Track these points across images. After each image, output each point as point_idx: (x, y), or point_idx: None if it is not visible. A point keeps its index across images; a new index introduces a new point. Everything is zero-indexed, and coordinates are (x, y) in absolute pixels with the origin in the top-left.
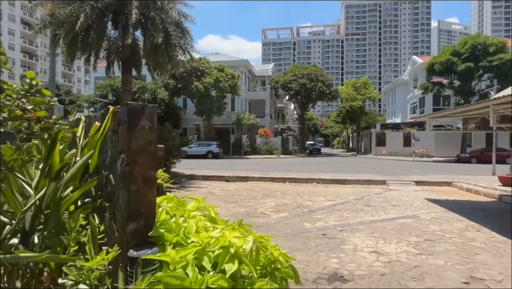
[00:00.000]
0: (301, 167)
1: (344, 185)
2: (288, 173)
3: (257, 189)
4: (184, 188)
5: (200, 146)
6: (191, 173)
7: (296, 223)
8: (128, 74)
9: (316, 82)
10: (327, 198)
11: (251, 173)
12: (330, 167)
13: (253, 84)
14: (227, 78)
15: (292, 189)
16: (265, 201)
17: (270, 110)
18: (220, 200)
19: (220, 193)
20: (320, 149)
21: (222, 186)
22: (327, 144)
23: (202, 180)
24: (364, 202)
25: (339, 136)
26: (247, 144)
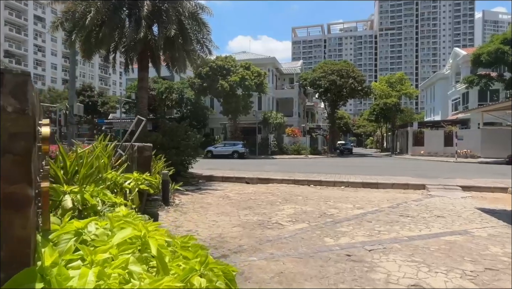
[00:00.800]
0: (329, 169)
1: (377, 189)
2: (314, 175)
3: (277, 193)
4: (199, 190)
5: (225, 146)
6: (210, 174)
7: (315, 238)
8: (144, 71)
9: (347, 79)
10: (356, 205)
11: (273, 175)
12: (361, 168)
13: (280, 82)
14: (253, 76)
15: (316, 194)
16: (284, 208)
17: (299, 109)
18: (233, 206)
19: (235, 196)
20: (351, 149)
21: (240, 189)
22: (359, 144)
23: (221, 182)
24: (400, 211)
25: (372, 135)
26: (274, 143)
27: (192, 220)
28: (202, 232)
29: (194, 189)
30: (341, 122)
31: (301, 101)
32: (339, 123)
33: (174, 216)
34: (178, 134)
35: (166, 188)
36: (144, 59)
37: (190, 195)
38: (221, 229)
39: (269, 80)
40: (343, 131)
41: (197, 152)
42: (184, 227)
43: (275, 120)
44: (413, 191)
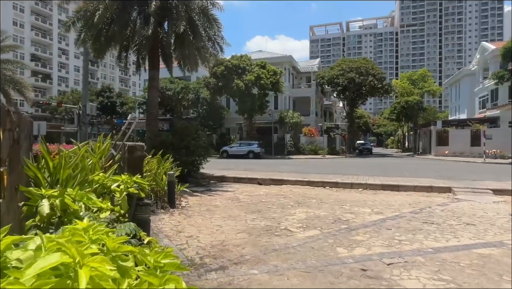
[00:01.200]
0: (346, 169)
1: (398, 192)
2: (330, 176)
3: (290, 195)
4: (209, 191)
5: (241, 145)
6: (222, 175)
7: (327, 248)
8: (155, 70)
9: (366, 76)
10: (374, 209)
11: (287, 176)
12: (382, 169)
13: (297, 81)
14: (268, 75)
15: (332, 196)
16: (295, 212)
17: (316, 108)
18: (241, 209)
19: (245, 199)
20: (371, 149)
21: (251, 190)
22: (380, 143)
23: (233, 183)
24: (424, 217)
25: (393, 135)
26: (290, 143)
27: (195, 225)
28: (204, 239)
29: (203, 190)
30: (361, 122)
31: (318, 100)
32: (358, 123)
33: (177, 219)
34: (188, 134)
35: (172, 189)
36: (154, 58)
37: (199, 197)
38: (225, 236)
39: (286, 78)
40: (362, 131)
41: (208, 152)
42: (186, 233)
43: (291, 119)
44: (437, 195)
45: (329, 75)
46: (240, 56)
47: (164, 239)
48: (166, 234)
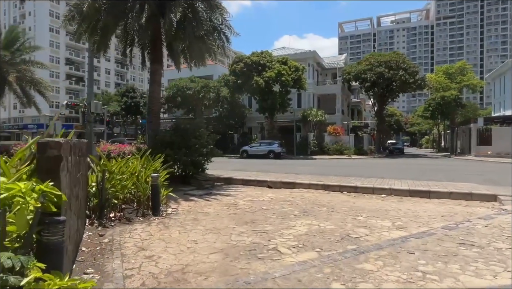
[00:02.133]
0: (372, 171)
1: (428, 199)
2: (350, 179)
3: (298, 201)
4: (208, 196)
5: (261, 145)
6: (229, 176)
7: (319, 283)
8: (156, 63)
9: (397, 70)
10: (396, 223)
11: (301, 178)
12: (412, 171)
13: (322, 77)
14: (290, 71)
15: (347, 204)
16: (296, 224)
17: (342, 106)
18: (234, 218)
19: (245, 205)
20: (402, 148)
21: (256, 195)
22: (413, 143)
23: (240, 185)
24: (461, 235)
25: (428, 134)
26: (313, 143)
27: (167, 239)
28: (164, 261)
29: (203, 194)
30: (392, 120)
31: (345, 97)
32: (389, 121)
33: (151, 231)
34: (189, 132)
35: (156, 194)
36: (156, 50)
37: (194, 202)
38: (193, 257)
39: (309, 75)
40: (394, 130)
41: (212, 152)
42: (148, 251)
43: (315, 117)
44: (479, 204)
45: (355, 70)
46: (261, 52)
47: (116, 260)
48: (124, 253)
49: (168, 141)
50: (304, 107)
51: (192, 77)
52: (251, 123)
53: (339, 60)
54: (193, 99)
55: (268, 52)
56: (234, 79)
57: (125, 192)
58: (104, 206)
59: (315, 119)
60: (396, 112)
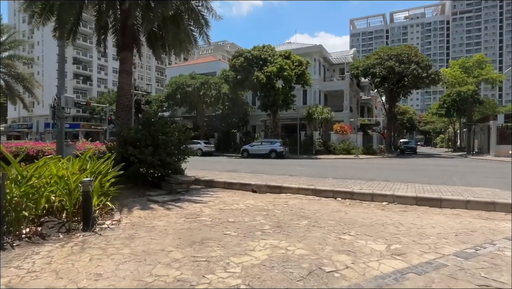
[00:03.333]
0: (378, 173)
1: (439, 209)
2: (347, 182)
3: (277, 211)
4: (175, 202)
5: (262, 144)
6: (211, 179)
7: None
8: (126, 51)
9: (408, 64)
10: (392, 246)
11: (291, 182)
12: (423, 173)
13: (329, 73)
14: (293, 66)
15: (337, 215)
16: (257, 246)
17: (351, 103)
18: (179, 237)
19: (208, 217)
20: (415, 148)
21: (232, 201)
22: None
23: (221, 189)
24: (483, 269)
25: (443, 132)
26: (318, 142)
27: (63, 271)
28: None
29: (168, 200)
30: (404, 118)
31: (353, 94)
32: (401, 119)
33: (54, 257)
34: (156, 128)
35: (87, 204)
36: (124, 35)
37: (149, 211)
38: None
39: (315, 71)
40: (407, 128)
41: (186, 151)
42: None
43: (320, 115)
44: (504, 217)
45: (364, 65)
46: (262, 47)
47: None
48: None
49: (133, 139)
50: (310, 104)
51: (193, 73)
52: (255, 121)
53: (347, 55)
54: (194, 97)
55: (270, 46)
56: (234, 74)
57: (42, 202)
58: (1, 221)
59: (321, 116)
60: (409, 110)
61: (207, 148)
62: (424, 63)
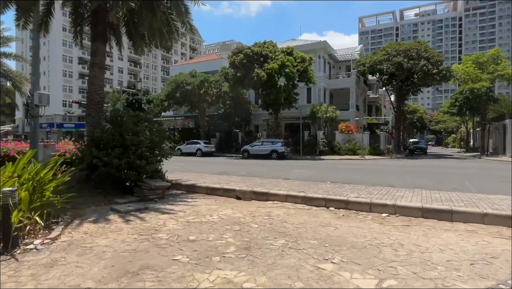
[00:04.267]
0: (383, 175)
1: (450, 224)
2: (345, 188)
3: (253, 226)
4: (139, 212)
5: (263, 144)
6: (193, 183)
7: None
8: (98, 42)
9: (418, 60)
10: (386, 281)
11: (280, 188)
12: (431, 176)
13: (335, 70)
14: (295, 63)
15: (325, 230)
16: (202, 281)
17: (357, 101)
18: (112, 265)
19: (168, 232)
20: (425, 148)
21: (206, 212)
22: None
23: (203, 195)
24: None
25: (455, 132)
26: (323, 142)
27: None
28: None
29: (132, 210)
30: (414, 117)
31: (360, 92)
32: (411, 118)
33: None
34: (125, 127)
35: (5, 220)
36: (96, 24)
37: (101, 225)
38: None
39: (319, 68)
40: (417, 128)
41: (163, 152)
42: None
43: (324, 113)
44: None
45: (370, 61)
46: (263, 43)
47: None
48: None
49: (98, 139)
50: (314, 103)
51: (193, 72)
52: (257, 120)
53: (354, 52)
54: (195, 95)
55: (272, 42)
56: (233, 72)
57: None
58: None
59: (325, 115)
60: (419, 109)
61: (207, 149)
62: (434, 58)
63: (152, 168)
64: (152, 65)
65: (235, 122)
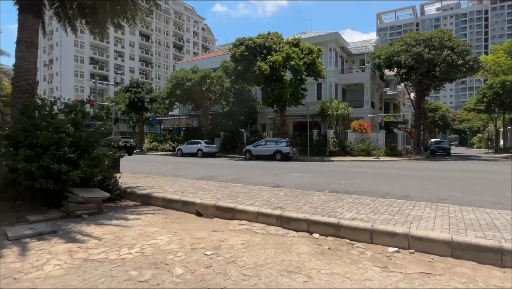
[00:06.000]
0: (395, 183)
1: (501, 271)
2: (344, 202)
3: (177, 269)
4: (39, 238)
5: (267, 144)
6: (148, 193)
7: None
8: (27, 13)
9: (441, 50)
10: None
11: (254, 201)
12: (458, 184)
13: (348, 65)
14: (302, 55)
15: (288, 284)
16: None
17: (372, 97)
18: None
19: (33, 284)
20: (448, 149)
21: (133, 238)
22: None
23: (157, 208)
24: None
25: (480, 131)
26: (333, 141)
27: None
28: None
29: (29, 235)
30: (436, 115)
31: (376, 88)
32: (432, 116)
33: None
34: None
35: None
36: None
37: None
38: None
39: (330, 61)
40: (439, 127)
41: (97, 157)
42: None
43: (335, 111)
44: None
45: (387, 52)
46: (267, 34)
47: None
48: None
49: (7, 136)
50: (325, 100)
51: (195, 67)
52: (264, 119)
53: (369, 44)
54: (197, 93)
55: (277, 33)
56: (234, 65)
57: None
58: None
59: (336, 112)
60: (442, 106)
61: (208, 149)
62: (460, 48)
63: (88, 174)
64: (164, 65)
65: (241, 120)
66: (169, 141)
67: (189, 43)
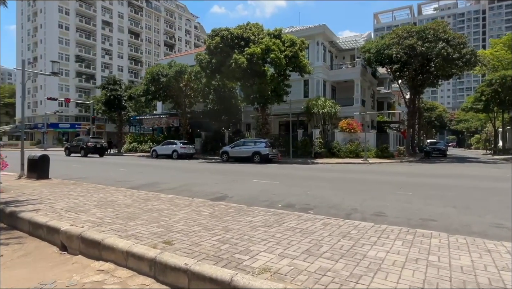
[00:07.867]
0: (371, 194)
1: None
2: (284, 227)
3: None
4: None
5: (244, 145)
6: (14, 211)
7: None
8: None
9: (435, 43)
10: None
11: (135, 231)
12: (448, 196)
13: (338, 61)
14: (283, 47)
15: None
16: None
17: (363, 95)
18: None
19: None
20: (444, 150)
21: None
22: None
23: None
24: None
25: (479, 132)
26: (318, 142)
27: None
28: None
29: None
30: (432, 115)
31: (367, 84)
32: (429, 116)
33: None
34: None
35: None
36: None
37: None
38: None
39: (318, 56)
40: (436, 127)
41: None
42: None
43: (321, 108)
44: None
45: (377, 46)
46: (246, 24)
47: None
48: None
49: None
50: (311, 97)
51: (172, 62)
52: (248, 118)
53: (360, 38)
54: (175, 89)
55: (257, 24)
56: (208, 58)
57: None
58: None
59: (322, 110)
60: (438, 106)
61: (184, 150)
62: (456, 40)
63: None
64: (154, 64)
65: (224, 120)
66: (149, 141)
67: (181, 42)
